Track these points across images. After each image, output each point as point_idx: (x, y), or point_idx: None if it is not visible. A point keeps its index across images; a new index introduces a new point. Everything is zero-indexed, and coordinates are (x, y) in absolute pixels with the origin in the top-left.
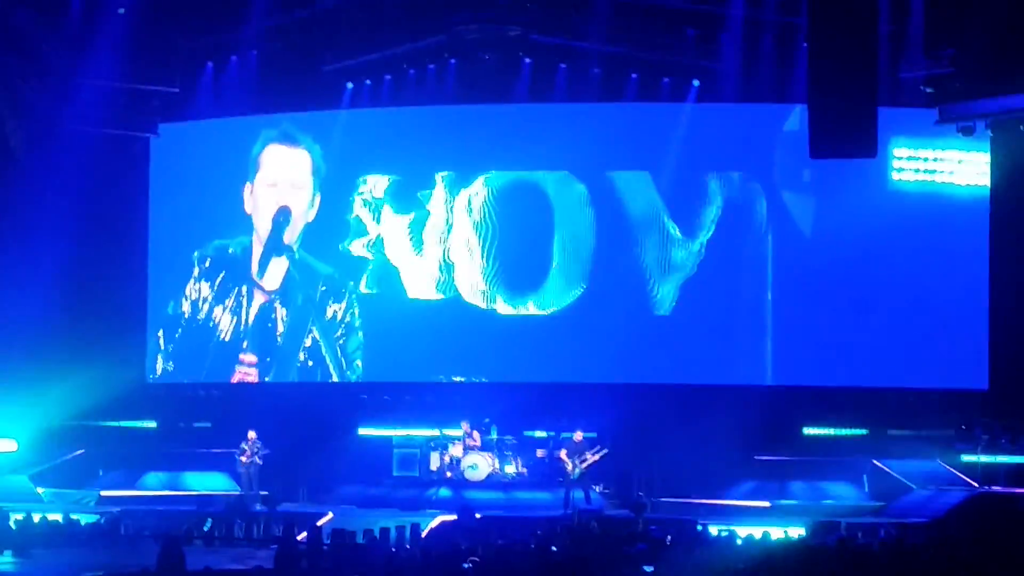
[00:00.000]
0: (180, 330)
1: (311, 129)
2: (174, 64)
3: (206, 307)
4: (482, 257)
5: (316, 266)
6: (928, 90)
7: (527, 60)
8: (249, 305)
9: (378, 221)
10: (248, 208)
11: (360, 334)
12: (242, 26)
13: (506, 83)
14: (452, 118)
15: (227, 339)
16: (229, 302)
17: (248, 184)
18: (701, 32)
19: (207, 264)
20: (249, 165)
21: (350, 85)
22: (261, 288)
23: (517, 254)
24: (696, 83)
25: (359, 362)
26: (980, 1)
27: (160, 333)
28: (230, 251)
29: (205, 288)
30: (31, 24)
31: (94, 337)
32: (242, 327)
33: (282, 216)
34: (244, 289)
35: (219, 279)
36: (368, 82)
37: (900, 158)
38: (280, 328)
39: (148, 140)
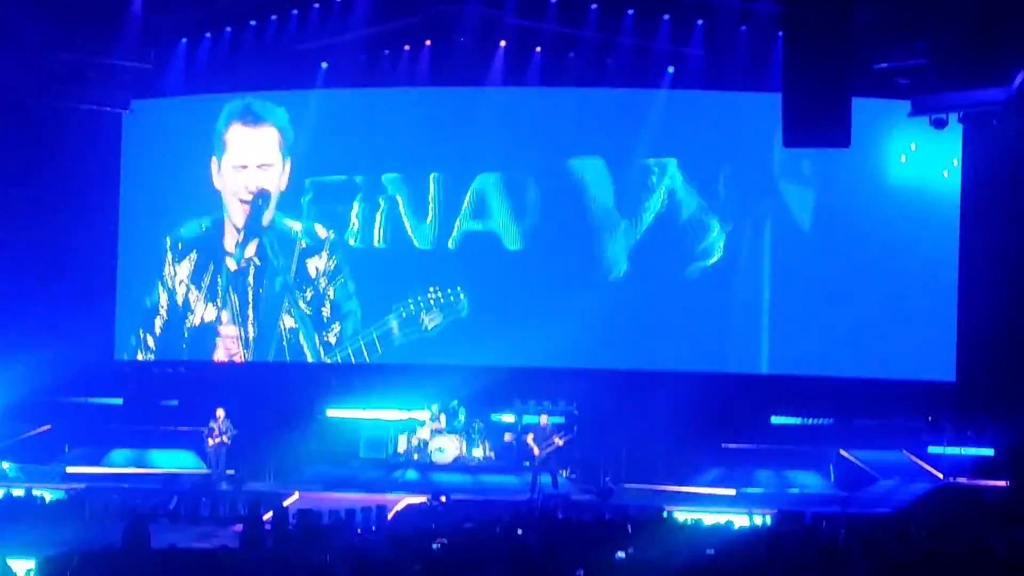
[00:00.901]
0: (160, 319)
1: (277, 99)
2: (148, 40)
3: (183, 289)
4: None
5: (290, 229)
6: (902, 82)
7: (503, 43)
8: (225, 279)
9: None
10: (216, 184)
11: (351, 284)
12: (216, 3)
13: (481, 66)
14: (426, 100)
15: (207, 319)
16: (206, 279)
17: (214, 158)
18: (677, 18)
19: (179, 247)
20: (214, 140)
21: (325, 65)
22: (236, 259)
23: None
24: (671, 69)
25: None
26: None
27: (141, 331)
28: (203, 228)
29: (182, 270)
30: None
31: (61, 312)
32: (219, 302)
33: (260, 199)
34: (218, 264)
35: (192, 258)
36: (343, 62)
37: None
38: (256, 294)
39: (120, 116)
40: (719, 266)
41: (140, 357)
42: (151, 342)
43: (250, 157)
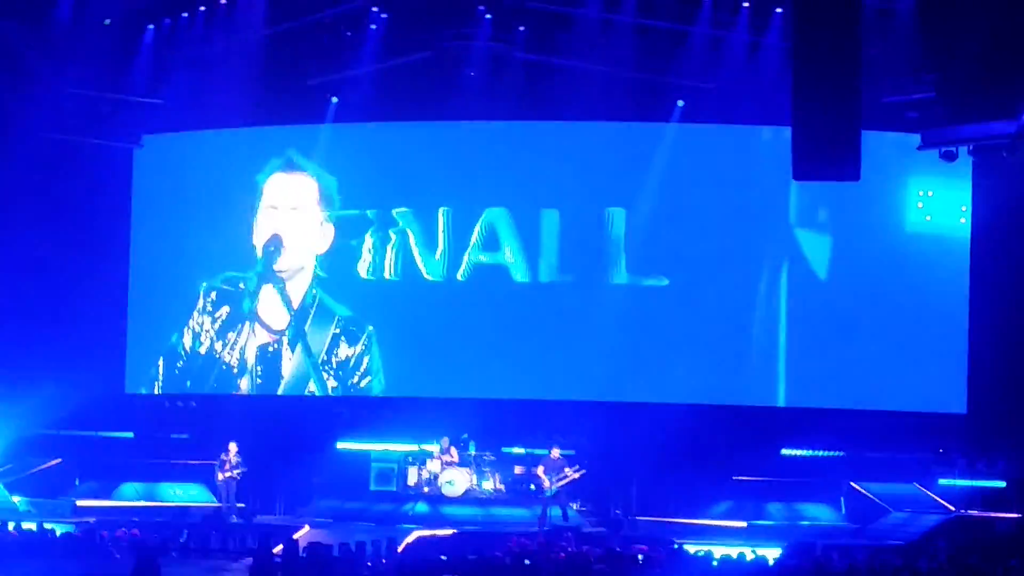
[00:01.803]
0: (181, 362)
1: (322, 161)
2: (159, 75)
3: (207, 341)
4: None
5: (332, 306)
6: (911, 115)
7: (513, 78)
8: (249, 341)
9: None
10: (255, 240)
11: (382, 375)
12: (226, 38)
13: (491, 99)
14: (435, 134)
15: (230, 370)
16: (231, 336)
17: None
18: (686, 52)
19: (213, 296)
20: (257, 194)
21: (335, 99)
22: (265, 325)
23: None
24: (680, 103)
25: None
26: (964, 26)
27: (160, 361)
28: (240, 285)
29: (207, 321)
30: (13, 33)
31: (72, 346)
32: (239, 365)
33: (273, 244)
34: (246, 326)
35: (221, 314)
36: (352, 97)
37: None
38: (287, 370)
39: (131, 151)
40: (733, 300)
41: (157, 391)
42: (161, 373)
43: (281, 199)
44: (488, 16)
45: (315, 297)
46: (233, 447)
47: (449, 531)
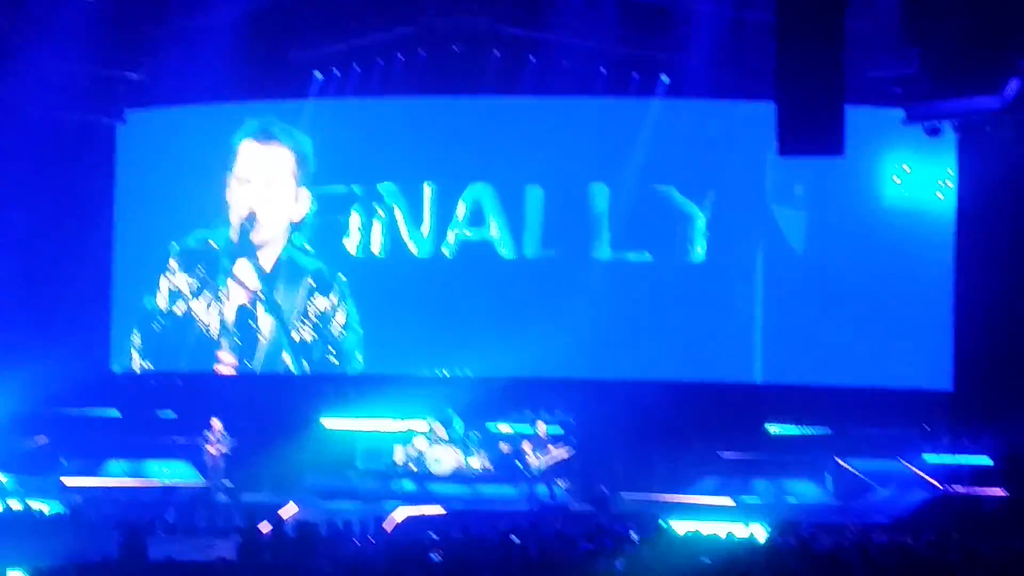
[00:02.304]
0: (157, 325)
1: (299, 122)
2: (140, 50)
3: (182, 302)
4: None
5: (302, 261)
6: (896, 90)
7: (497, 52)
8: (226, 302)
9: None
10: (228, 198)
11: (359, 328)
12: (209, 12)
13: (475, 74)
14: (419, 109)
15: (208, 333)
16: (207, 297)
17: (228, 173)
18: (670, 27)
19: (184, 256)
20: (230, 156)
21: (318, 74)
22: (242, 284)
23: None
24: (665, 79)
25: (359, 356)
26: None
27: (135, 332)
28: (211, 243)
29: (182, 281)
30: None
31: (57, 324)
32: (219, 325)
33: (248, 221)
34: (223, 284)
35: (197, 272)
36: (336, 72)
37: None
38: (265, 327)
39: (114, 126)
40: (714, 275)
41: (135, 364)
42: (148, 363)
43: (255, 173)
44: None
45: (284, 257)
46: (216, 423)
47: (437, 509)
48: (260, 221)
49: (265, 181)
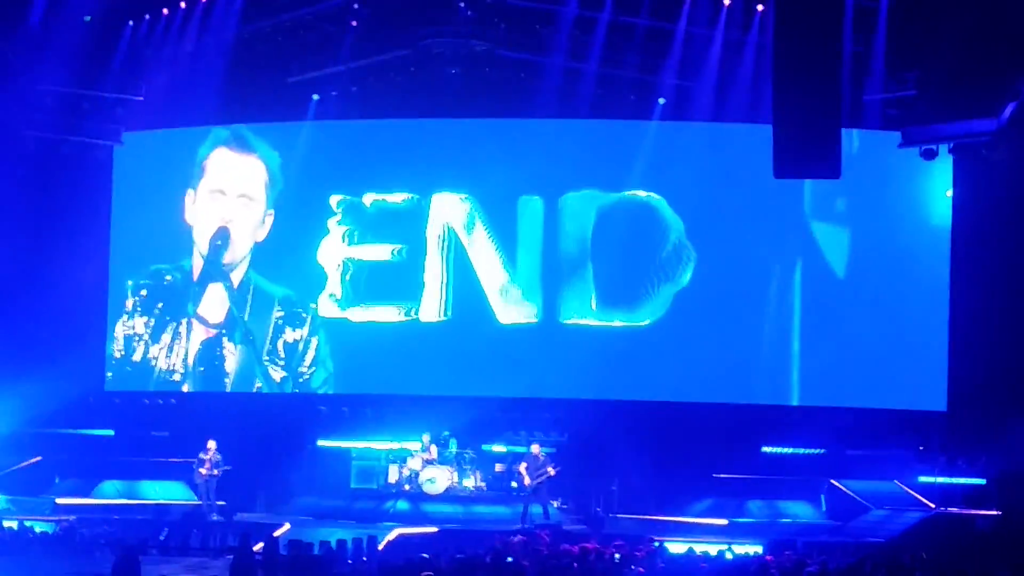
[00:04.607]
0: (111, 373)
1: (268, 136)
2: (139, 72)
3: (141, 346)
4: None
5: (269, 289)
6: (892, 112)
7: (493, 75)
8: (188, 341)
9: (350, 242)
10: (189, 219)
11: (329, 363)
12: (207, 36)
13: (472, 97)
14: (418, 132)
15: (169, 376)
16: (165, 338)
17: (190, 191)
18: (668, 50)
19: (143, 294)
20: (195, 167)
21: (316, 97)
22: (203, 321)
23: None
24: (662, 101)
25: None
26: (944, 24)
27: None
28: (167, 279)
29: (140, 324)
30: None
31: (52, 344)
32: (182, 367)
33: (220, 238)
34: (183, 323)
35: (156, 311)
36: (334, 94)
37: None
38: (230, 365)
39: (111, 148)
40: (708, 295)
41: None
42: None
43: (230, 184)
44: (469, 13)
45: (250, 283)
46: (212, 444)
47: (430, 529)
48: (233, 239)
49: (240, 193)
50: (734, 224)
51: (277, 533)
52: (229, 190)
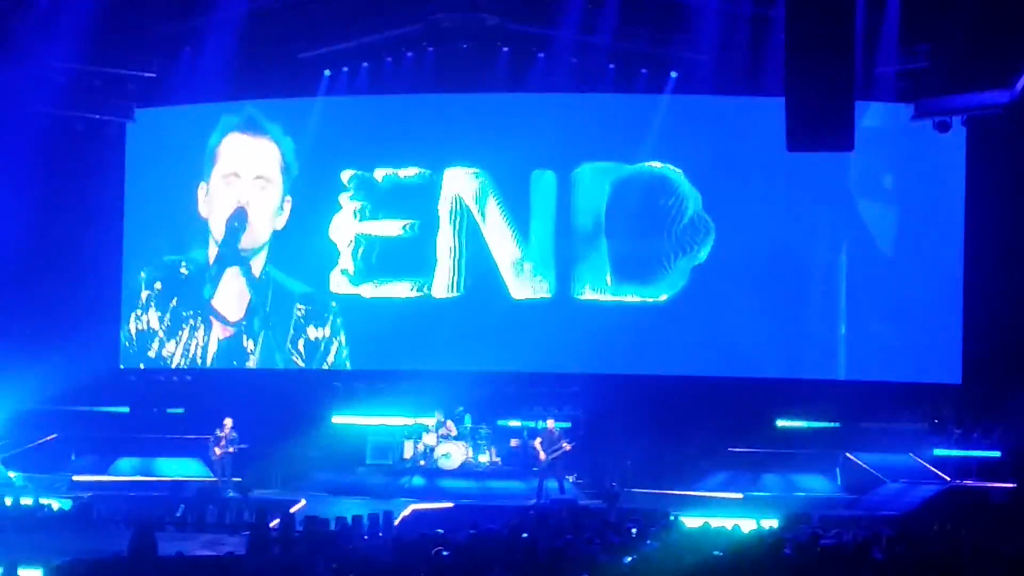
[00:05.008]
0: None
1: (280, 119)
2: (151, 49)
3: (156, 343)
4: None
5: (290, 285)
6: (905, 85)
7: (505, 49)
8: (207, 342)
9: (362, 217)
10: (203, 211)
11: (348, 363)
12: (219, 11)
13: (484, 72)
14: (429, 107)
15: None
16: (182, 335)
17: (202, 184)
18: (679, 23)
19: (157, 287)
20: (206, 159)
21: (327, 73)
22: (221, 318)
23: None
24: (674, 74)
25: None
26: None
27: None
28: (182, 271)
29: (154, 319)
30: (4, 7)
31: (68, 321)
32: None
33: (237, 220)
34: (199, 321)
35: (171, 306)
36: (345, 70)
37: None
38: (250, 364)
39: (124, 125)
40: (719, 268)
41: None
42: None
43: (245, 167)
44: None
45: (270, 278)
46: (228, 422)
47: (446, 504)
48: (251, 221)
49: (256, 175)
50: (753, 197)
51: (293, 509)
52: (244, 173)
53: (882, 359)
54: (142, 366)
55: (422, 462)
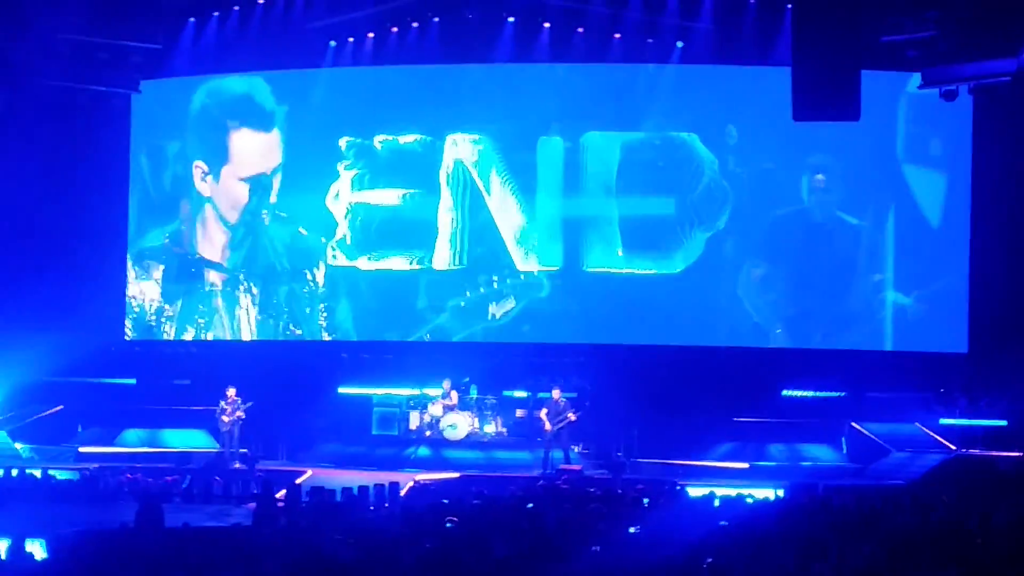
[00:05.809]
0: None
1: (285, 96)
2: (156, 20)
3: (160, 314)
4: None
5: (286, 256)
6: (911, 53)
7: (510, 20)
8: (211, 312)
9: (360, 187)
10: (204, 191)
11: (348, 312)
12: None
13: (489, 42)
14: (433, 77)
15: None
16: (185, 306)
17: (198, 162)
18: None
19: (155, 263)
20: (213, 145)
21: (333, 43)
22: (216, 265)
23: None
24: (680, 44)
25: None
26: None
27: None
28: (165, 240)
29: (159, 290)
30: None
31: (73, 293)
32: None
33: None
34: (204, 292)
35: (170, 277)
36: (351, 40)
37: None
38: (252, 309)
39: (129, 96)
40: (722, 241)
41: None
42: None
43: (257, 165)
44: None
45: (269, 242)
46: (231, 391)
47: (452, 475)
48: (254, 205)
49: (266, 169)
50: (770, 163)
51: (299, 480)
52: (259, 171)
53: (889, 328)
54: (148, 337)
55: (428, 433)
